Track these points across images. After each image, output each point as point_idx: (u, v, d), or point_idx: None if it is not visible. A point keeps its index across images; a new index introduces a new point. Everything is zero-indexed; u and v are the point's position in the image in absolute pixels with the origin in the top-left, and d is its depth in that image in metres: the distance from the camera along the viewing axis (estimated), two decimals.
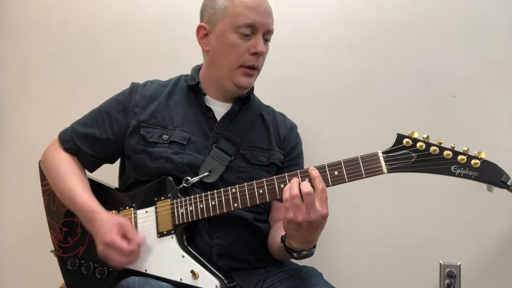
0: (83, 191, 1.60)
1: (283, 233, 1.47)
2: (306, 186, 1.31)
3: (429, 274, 2.23)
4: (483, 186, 1.27)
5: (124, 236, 1.48)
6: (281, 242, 1.48)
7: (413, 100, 2.27)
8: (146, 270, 1.52)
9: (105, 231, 1.47)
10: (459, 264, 2.20)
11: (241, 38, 1.62)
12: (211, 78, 1.73)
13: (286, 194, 1.32)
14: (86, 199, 1.58)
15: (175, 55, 2.35)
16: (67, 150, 1.72)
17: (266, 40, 1.68)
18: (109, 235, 1.46)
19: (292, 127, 1.89)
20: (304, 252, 1.43)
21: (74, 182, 1.63)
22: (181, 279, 1.46)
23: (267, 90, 1.97)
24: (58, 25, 2.48)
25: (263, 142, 1.75)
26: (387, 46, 2.30)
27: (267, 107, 1.89)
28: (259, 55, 1.63)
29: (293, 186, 1.32)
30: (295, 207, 1.30)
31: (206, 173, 1.60)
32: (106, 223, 1.50)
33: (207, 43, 1.70)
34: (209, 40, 1.69)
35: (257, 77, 1.73)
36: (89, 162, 1.73)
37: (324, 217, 1.31)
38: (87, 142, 1.70)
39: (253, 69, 1.66)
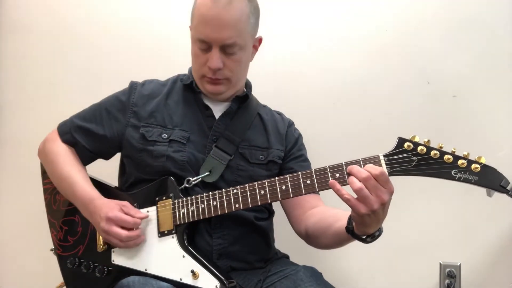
0: (82, 181, 1.64)
1: (336, 223, 1.48)
2: (365, 172, 1.25)
3: (429, 274, 2.23)
4: (483, 188, 1.27)
5: (126, 215, 1.51)
6: (348, 233, 1.40)
7: (413, 100, 2.26)
8: (146, 270, 1.53)
9: (107, 209, 1.50)
10: (459, 264, 2.21)
11: (200, 49, 1.61)
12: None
13: (356, 185, 1.24)
14: (85, 188, 1.61)
15: (174, 55, 2.34)
16: (65, 141, 1.74)
17: (231, 50, 1.59)
18: (111, 211, 1.49)
19: (290, 124, 1.89)
20: (377, 233, 1.37)
21: (74, 172, 1.66)
22: (181, 279, 1.46)
23: (266, 90, 1.98)
24: (58, 25, 2.48)
25: (261, 141, 1.76)
26: (387, 46, 2.29)
27: (264, 106, 1.89)
28: (215, 70, 1.60)
29: (353, 181, 1.26)
30: (364, 198, 1.24)
31: (207, 173, 1.60)
32: (107, 204, 1.54)
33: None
34: None
35: (231, 85, 1.68)
36: (84, 155, 1.74)
37: (392, 193, 1.27)
38: (84, 135, 1.72)
39: (214, 80, 1.63)
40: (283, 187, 1.41)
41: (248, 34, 1.65)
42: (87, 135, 1.72)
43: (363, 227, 1.32)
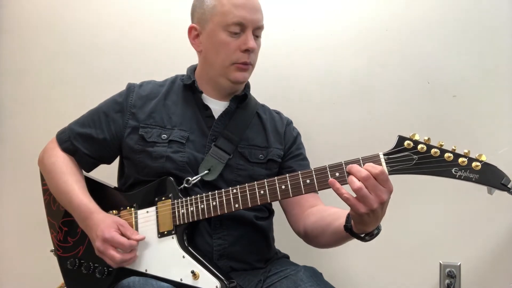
0: (79, 191, 1.62)
1: (335, 222, 1.48)
2: (364, 171, 1.25)
3: (429, 274, 2.23)
4: (483, 187, 1.26)
5: (123, 235, 1.50)
6: (347, 231, 1.41)
7: (413, 100, 2.26)
8: (146, 270, 1.52)
9: (104, 228, 1.48)
10: (459, 264, 2.21)
11: (231, 36, 1.63)
12: (206, 77, 1.74)
13: (356, 184, 1.24)
14: (83, 199, 1.59)
15: (173, 56, 2.35)
16: (64, 150, 1.72)
17: (257, 36, 1.68)
18: (107, 231, 1.47)
19: (289, 123, 1.90)
20: (375, 231, 1.38)
21: (70, 182, 1.64)
22: (181, 280, 1.46)
23: (267, 90, 1.99)
24: (58, 25, 2.49)
25: (260, 140, 1.76)
26: (387, 46, 2.29)
27: (263, 105, 1.90)
28: (250, 51, 1.64)
29: (353, 180, 1.26)
30: (364, 198, 1.24)
31: (206, 171, 1.60)
32: (104, 221, 1.51)
33: (199, 44, 1.73)
34: (201, 40, 1.72)
35: (251, 72, 1.73)
36: (86, 162, 1.73)
37: (391, 192, 1.27)
38: (84, 142, 1.71)
39: (246, 65, 1.66)
40: (283, 187, 1.41)
41: None
42: (86, 141, 1.71)
43: (362, 225, 1.33)
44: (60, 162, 1.69)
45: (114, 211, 1.62)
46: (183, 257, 1.48)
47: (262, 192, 1.43)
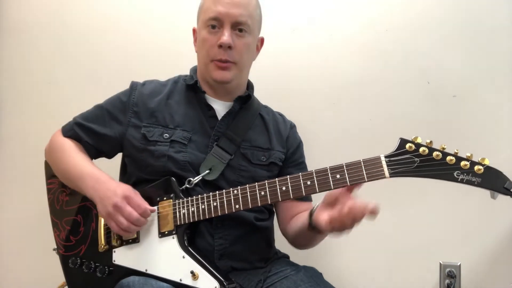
0: (92, 165, 1.64)
1: (303, 221, 1.55)
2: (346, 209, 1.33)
3: (429, 274, 2.23)
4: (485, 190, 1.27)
5: None
6: (310, 229, 1.51)
7: (413, 100, 2.27)
8: (146, 270, 1.52)
9: (125, 188, 1.51)
10: (459, 264, 2.21)
11: (210, 32, 1.64)
12: (201, 76, 1.76)
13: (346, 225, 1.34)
14: (97, 170, 1.61)
15: (175, 56, 2.35)
16: (69, 137, 1.74)
17: (240, 31, 1.65)
18: (128, 190, 1.50)
19: (292, 127, 1.90)
20: None
21: (81, 159, 1.66)
22: (180, 280, 1.46)
23: (267, 90, 1.97)
24: (58, 25, 2.49)
25: (263, 141, 1.76)
26: (387, 46, 2.30)
27: (266, 107, 1.89)
28: (226, 47, 1.62)
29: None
30: (342, 224, 1.34)
31: (207, 171, 1.60)
32: (122, 185, 1.54)
33: (196, 44, 1.76)
34: (197, 41, 1.75)
35: (238, 72, 1.70)
36: (89, 150, 1.74)
37: None
38: (87, 134, 1.72)
39: (226, 62, 1.64)
40: (283, 188, 1.41)
41: (256, 22, 1.72)
42: (89, 133, 1.72)
43: None
44: (70, 145, 1.71)
45: None
46: (183, 257, 1.48)
47: (262, 193, 1.44)
